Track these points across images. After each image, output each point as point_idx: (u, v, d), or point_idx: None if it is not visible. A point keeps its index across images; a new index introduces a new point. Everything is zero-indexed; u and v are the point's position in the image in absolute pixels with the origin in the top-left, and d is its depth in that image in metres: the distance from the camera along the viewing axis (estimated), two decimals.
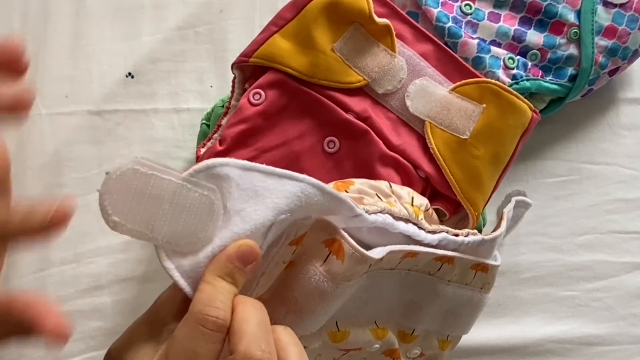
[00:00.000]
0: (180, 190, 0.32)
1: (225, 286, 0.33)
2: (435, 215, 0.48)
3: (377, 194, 0.44)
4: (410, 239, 0.44)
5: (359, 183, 0.45)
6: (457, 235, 0.45)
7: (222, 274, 0.33)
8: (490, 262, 0.48)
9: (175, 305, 0.35)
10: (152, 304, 0.36)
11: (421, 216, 0.45)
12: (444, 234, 0.45)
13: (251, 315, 0.33)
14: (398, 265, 0.44)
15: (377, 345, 0.47)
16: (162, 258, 0.33)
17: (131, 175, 0.31)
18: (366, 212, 0.40)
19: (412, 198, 0.46)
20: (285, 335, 0.34)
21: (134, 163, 0.31)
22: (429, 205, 0.47)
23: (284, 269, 0.39)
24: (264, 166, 0.34)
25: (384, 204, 0.43)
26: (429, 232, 0.44)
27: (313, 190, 0.35)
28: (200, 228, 0.33)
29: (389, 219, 0.42)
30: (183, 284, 0.33)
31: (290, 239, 0.37)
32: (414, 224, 0.44)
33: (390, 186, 0.46)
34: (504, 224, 0.48)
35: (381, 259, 0.40)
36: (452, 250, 0.45)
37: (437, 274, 0.46)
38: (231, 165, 0.34)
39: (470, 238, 0.46)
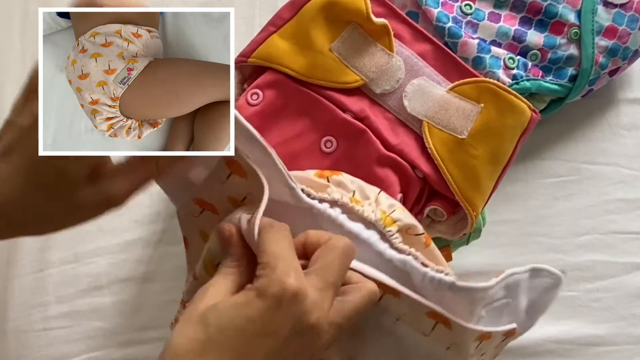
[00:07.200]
0: None
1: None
2: (423, 239, 0.43)
3: (354, 192, 0.43)
4: (372, 249, 0.41)
5: (345, 178, 0.44)
6: (426, 265, 0.40)
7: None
8: (455, 318, 0.40)
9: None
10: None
11: (392, 228, 0.41)
12: (410, 258, 0.40)
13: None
14: None
15: None
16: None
17: None
18: (308, 195, 0.41)
19: (394, 210, 0.42)
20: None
21: None
22: (420, 230, 0.43)
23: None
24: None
25: (345, 199, 0.42)
26: (394, 248, 0.41)
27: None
28: None
29: (336, 212, 0.41)
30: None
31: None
32: (380, 232, 0.41)
33: (379, 193, 0.44)
34: (494, 280, 0.40)
35: None
36: (415, 281, 0.40)
37: (380, 303, 0.40)
38: None
39: (438, 275, 0.39)
